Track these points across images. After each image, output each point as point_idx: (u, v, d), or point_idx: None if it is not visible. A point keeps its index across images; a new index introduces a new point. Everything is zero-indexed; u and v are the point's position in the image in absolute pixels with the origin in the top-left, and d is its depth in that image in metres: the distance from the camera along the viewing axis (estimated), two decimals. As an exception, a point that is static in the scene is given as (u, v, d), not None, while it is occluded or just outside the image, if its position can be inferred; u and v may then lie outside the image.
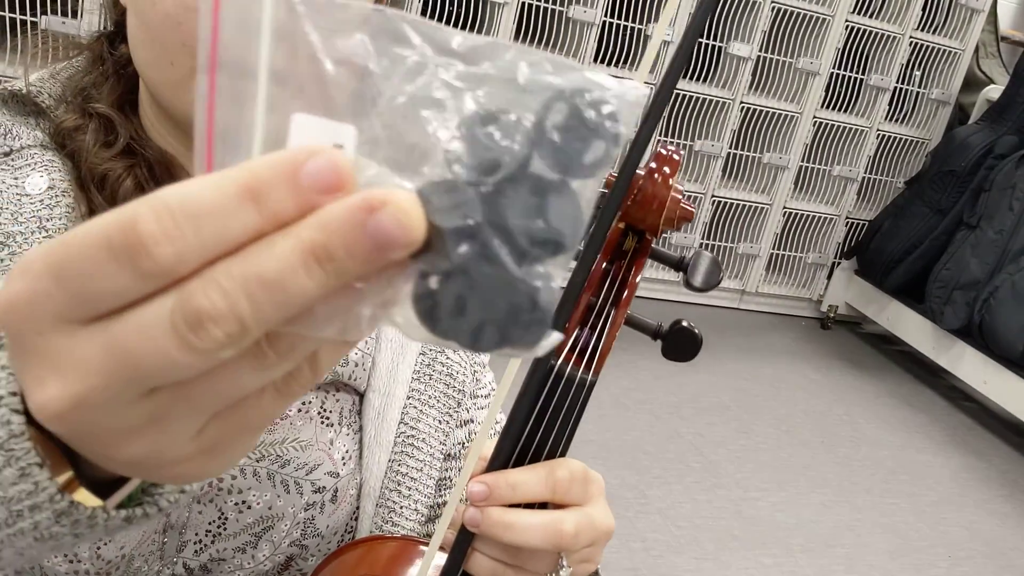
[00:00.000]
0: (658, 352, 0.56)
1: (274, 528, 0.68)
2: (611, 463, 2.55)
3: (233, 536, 0.68)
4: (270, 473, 0.68)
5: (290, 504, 0.69)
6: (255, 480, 0.67)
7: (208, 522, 0.67)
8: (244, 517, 0.67)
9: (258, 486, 0.67)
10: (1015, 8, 4.52)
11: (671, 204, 0.53)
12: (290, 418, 0.69)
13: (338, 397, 0.72)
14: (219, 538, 0.68)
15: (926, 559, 2.47)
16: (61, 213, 0.60)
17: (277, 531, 0.68)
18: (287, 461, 0.68)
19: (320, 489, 0.70)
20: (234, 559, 0.68)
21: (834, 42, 3.65)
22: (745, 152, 3.84)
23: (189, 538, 0.67)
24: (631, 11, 3.41)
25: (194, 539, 0.67)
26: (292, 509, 0.69)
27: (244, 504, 0.67)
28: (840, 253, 4.06)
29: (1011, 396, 3.24)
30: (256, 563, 0.69)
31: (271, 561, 0.70)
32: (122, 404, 0.27)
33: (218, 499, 0.67)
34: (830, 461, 2.88)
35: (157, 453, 0.29)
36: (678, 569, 2.18)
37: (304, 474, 0.69)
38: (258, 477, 0.67)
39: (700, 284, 0.53)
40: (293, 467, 0.69)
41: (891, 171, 4.04)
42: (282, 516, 0.68)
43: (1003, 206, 3.41)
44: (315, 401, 0.71)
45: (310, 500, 0.69)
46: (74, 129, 0.64)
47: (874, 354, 3.92)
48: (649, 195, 0.53)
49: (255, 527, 0.68)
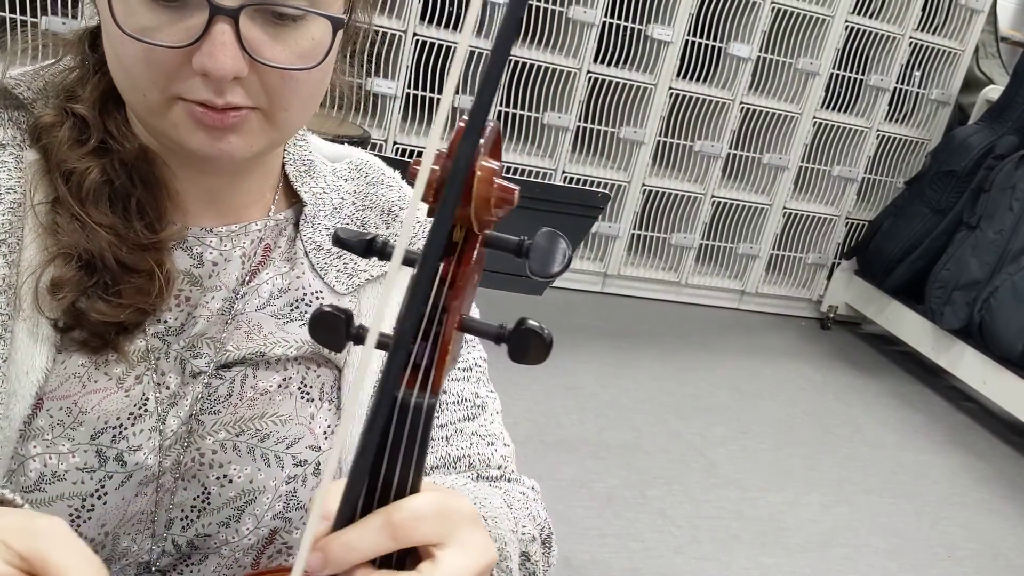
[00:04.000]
0: (658, 352, 0.54)
1: (256, 501, 0.69)
2: (611, 463, 2.55)
3: (216, 511, 0.69)
4: (250, 447, 0.69)
5: (271, 477, 0.69)
6: (235, 455, 0.68)
7: (192, 498, 0.68)
8: (226, 491, 0.68)
9: (238, 460, 0.68)
10: (1015, 8, 4.52)
11: (481, 187, 0.43)
12: (270, 394, 0.70)
13: (319, 373, 0.73)
14: (204, 513, 0.69)
15: (926, 559, 2.47)
16: (3, 209, 0.63)
17: (259, 504, 0.69)
18: (267, 435, 0.69)
19: (301, 463, 0.71)
20: (219, 534, 0.69)
21: (834, 42, 3.65)
22: (745, 152, 3.84)
23: (176, 515, 0.68)
24: (631, 11, 3.41)
25: (180, 515, 0.68)
26: (273, 482, 0.70)
27: (225, 478, 0.68)
28: (840, 253, 4.06)
29: (1011, 396, 3.24)
30: (240, 537, 0.70)
31: (255, 535, 0.70)
32: None
33: (200, 474, 0.68)
34: (830, 461, 2.88)
35: None
36: (678, 569, 2.18)
37: (284, 448, 0.70)
38: (238, 451, 0.68)
39: (536, 271, 0.45)
40: (273, 441, 0.70)
41: (891, 171, 4.05)
42: (263, 489, 0.69)
43: (1003, 206, 3.41)
44: (295, 377, 0.72)
45: (291, 473, 0.70)
46: (50, 126, 0.66)
47: (874, 354, 3.92)
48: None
49: (237, 501, 0.69)
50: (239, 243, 0.71)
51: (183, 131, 0.61)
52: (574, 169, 3.50)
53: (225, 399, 0.69)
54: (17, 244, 0.63)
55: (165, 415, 0.67)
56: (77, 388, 0.64)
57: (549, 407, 2.76)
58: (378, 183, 0.80)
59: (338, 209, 0.76)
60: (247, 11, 0.58)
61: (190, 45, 0.58)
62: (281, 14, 0.59)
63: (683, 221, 3.78)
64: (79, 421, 0.64)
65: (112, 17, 0.59)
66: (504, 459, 0.79)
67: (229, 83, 0.59)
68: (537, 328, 0.45)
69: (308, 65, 0.61)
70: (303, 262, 0.74)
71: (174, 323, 0.69)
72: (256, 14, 0.59)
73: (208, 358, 0.69)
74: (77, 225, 0.64)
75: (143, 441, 0.66)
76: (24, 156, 0.66)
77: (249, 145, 0.63)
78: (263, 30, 0.59)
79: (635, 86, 3.48)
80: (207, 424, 0.68)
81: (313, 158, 0.78)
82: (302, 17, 0.60)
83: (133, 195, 0.66)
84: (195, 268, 0.69)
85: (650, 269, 3.83)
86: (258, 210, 0.74)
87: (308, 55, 0.61)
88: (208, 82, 0.59)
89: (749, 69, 3.58)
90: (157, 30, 0.58)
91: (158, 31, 0.58)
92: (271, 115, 0.63)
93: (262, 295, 0.72)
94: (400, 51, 3.12)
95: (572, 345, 3.18)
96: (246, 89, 0.60)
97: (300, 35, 0.61)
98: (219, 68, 0.57)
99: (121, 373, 0.66)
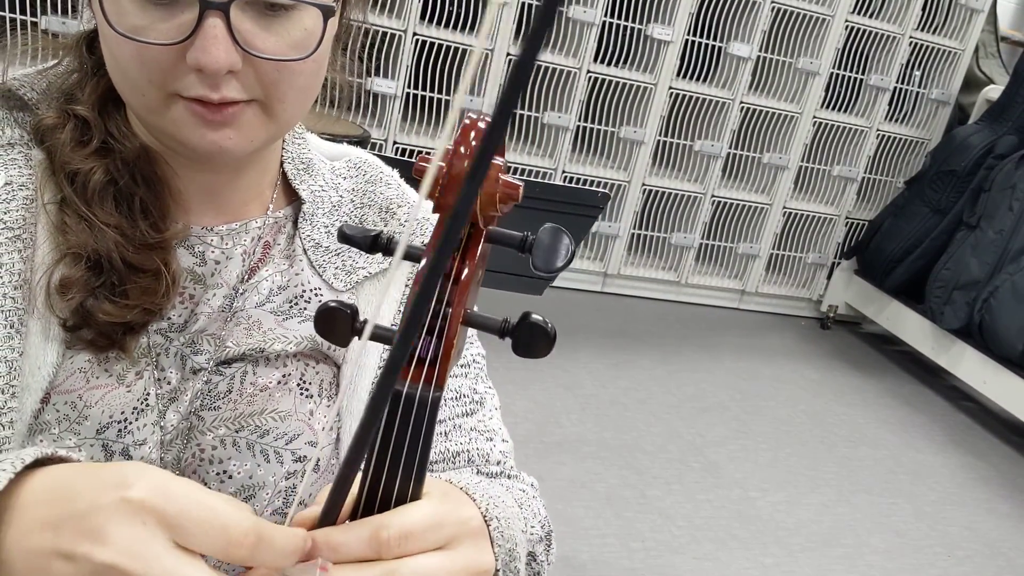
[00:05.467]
0: (658, 352, 0.54)
1: (256, 497, 0.69)
2: (611, 463, 2.55)
3: None
4: (249, 443, 0.69)
5: (270, 473, 0.70)
6: (235, 450, 0.69)
7: None
8: (226, 487, 0.69)
9: (238, 456, 0.69)
10: (1015, 8, 4.53)
11: (485, 183, 0.45)
12: (270, 390, 0.71)
13: (317, 369, 0.74)
14: None
15: (926, 559, 2.47)
16: (17, 206, 0.64)
17: (259, 500, 0.70)
18: (266, 431, 0.70)
19: (301, 459, 0.71)
20: None
21: (834, 42, 3.65)
22: (745, 152, 3.84)
23: None
24: (631, 11, 3.41)
25: None
26: (273, 478, 0.70)
27: (225, 474, 0.68)
28: (840, 253, 4.06)
29: (1011, 396, 3.24)
30: None
31: None
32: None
33: (200, 469, 0.68)
34: (830, 461, 2.88)
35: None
36: (678, 569, 2.18)
37: (284, 444, 0.70)
38: (238, 447, 0.69)
39: (540, 266, 0.46)
40: (272, 437, 0.70)
41: (891, 171, 4.05)
42: (263, 485, 0.70)
43: (1003, 206, 3.41)
44: (294, 373, 0.72)
45: (291, 469, 0.70)
46: (52, 127, 0.66)
47: (874, 354, 3.92)
48: (456, 175, 0.44)
49: (237, 496, 0.69)
50: (239, 241, 0.72)
51: (183, 128, 0.62)
52: (574, 169, 3.50)
53: (225, 395, 0.69)
54: (31, 240, 0.64)
55: (165, 410, 0.67)
56: (81, 383, 0.65)
57: (549, 407, 2.76)
58: (376, 181, 0.80)
59: (336, 207, 0.77)
60: (237, 4, 0.58)
61: (183, 41, 0.58)
62: (272, 4, 0.60)
63: (683, 221, 3.77)
64: (84, 416, 0.64)
65: (105, 19, 0.59)
66: (503, 455, 0.79)
67: (224, 77, 0.59)
68: (541, 322, 0.46)
69: (301, 55, 0.62)
70: (302, 259, 0.74)
71: (177, 320, 0.69)
72: (247, 6, 0.59)
73: (208, 354, 0.69)
74: (85, 225, 0.64)
75: (147, 436, 0.66)
76: (32, 155, 0.67)
77: (248, 139, 0.63)
78: (254, 22, 0.60)
79: (635, 86, 3.48)
80: (207, 420, 0.68)
81: (311, 156, 0.78)
82: (293, 7, 0.61)
83: (136, 194, 0.66)
84: (198, 267, 0.70)
85: (650, 269, 3.83)
86: (257, 208, 0.74)
87: (300, 45, 0.62)
88: (203, 77, 0.59)
89: (749, 69, 3.58)
90: (149, 29, 0.58)
91: (151, 30, 0.58)
92: (268, 108, 0.63)
93: (262, 292, 0.72)
94: (400, 51, 3.12)
95: (572, 345, 3.18)
96: (242, 82, 0.61)
97: (292, 25, 0.61)
98: (213, 62, 0.58)
99: (122, 370, 0.66)
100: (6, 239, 0.63)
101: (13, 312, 0.62)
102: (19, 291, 0.62)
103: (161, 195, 0.68)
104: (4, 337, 0.61)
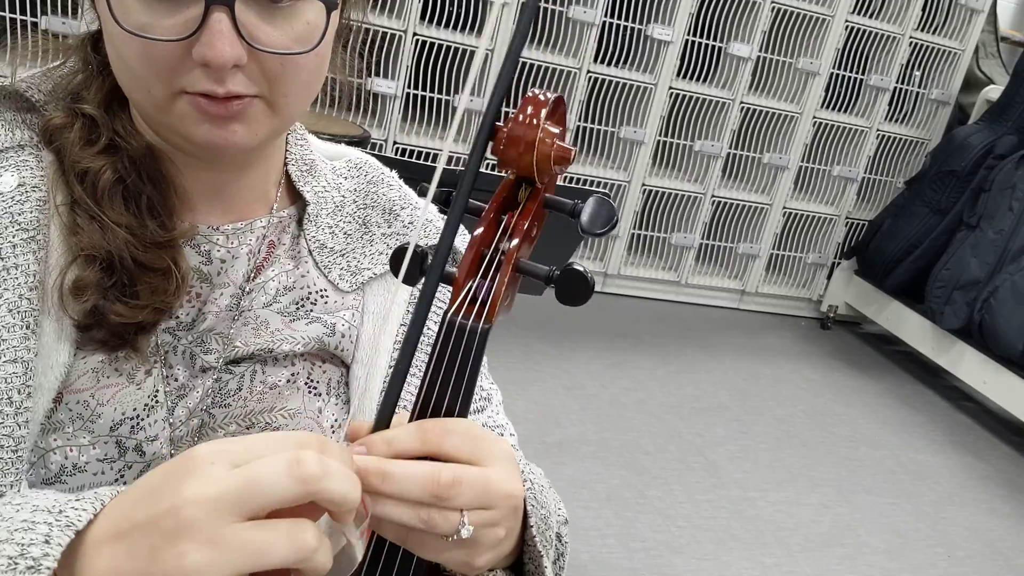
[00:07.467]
0: (658, 352, 0.56)
1: None
2: (611, 463, 2.55)
3: None
4: None
5: None
6: None
7: None
8: None
9: None
10: (1015, 8, 4.53)
11: (541, 145, 0.54)
12: (279, 388, 0.71)
13: (324, 368, 0.74)
14: None
15: (926, 559, 2.47)
16: (31, 207, 0.64)
17: None
18: (276, 428, 0.70)
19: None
20: None
21: (834, 42, 3.65)
22: (745, 152, 3.84)
23: None
24: (631, 11, 3.41)
25: None
26: None
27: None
28: (840, 253, 4.06)
29: (1011, 396, 3.24)
30: None
31: None
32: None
33: None
34: (830, 461, 2.88)
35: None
36: (678, 569, 2.18)
37: None
38: None
39: (586, 226, 0.54)
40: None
41: (891, 171, 4.05)
42: None
43: (1003, 206, 3.41)
44: (302, 372, 0.73)
45: None
46: (61, 127, 0.67)
47: (874, 354, 3.92)
48: (516, 137, 0.54)
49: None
50: (245, 240, 0.72)
51: (189, 123, 0.62)
52: (574, 169, 3.50)
53: (235, 393, 0.70)
54: (45, 241, 0.64)
55: (174, 407, 0.68)
56: (92, 382, 0.65)
57: (549, 407, 2.76)
58: (378, 182, 0.81)
59: (340, 208, 0.77)
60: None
61: (189, 37, 0.59)
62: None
63: (683, 221, 3.78)
64: (97, 414, 0.65)
65: (111, 16, 0.59)
66: (513, 448, 0.80)
67: (230, 71, 0.60)
68: (583, 271, 0.53)
69: (305, 49, 0.62)
70: (307, 260, 0.75)
71: (185, 319, 0.70)
72: (251, 1, 0.60)
73: (217, 353, 0.70)
74: (96, 226, 0.65)
75: (159, 431, 0.67)
76: (43, 156, 0.67)
77: (254, 133, 0.64)
78: (259, 16, 0.60)
79: (635, 86, 3.48)
80: (218, 417, 0.69)
81: (314, 157, 0.79)
82: (296, 0, 0.61)
83: (144, 193, 0.67)
84: (204, 265, 0.70)
85: (650, 269, 3.83)
86: (262, 207, 0.75)
87: (304, 38, 0.62)
88: (209, 72, 0.60)
89: (749, 69, 3.58)
90: (155, 25, 0.59)
91: (156, 26, 0.59)
92: (273, 102, 0.64)
93: (269, 292, 0.73)
94: (400, 51, 3.12)
95: (572, 345, 3.18)
96: (247, 76, 0.61)
97: (295, 19, 0.62)
98: (218, 56, 0.58)
99: (132, 368, 0.67)
100: (21, 240, 0.63)
101: (29, 313, 0.62)
102: (34, 292, 0.63)
103: (167, 193, 0.68)
104: (21, 338, 0.61)
